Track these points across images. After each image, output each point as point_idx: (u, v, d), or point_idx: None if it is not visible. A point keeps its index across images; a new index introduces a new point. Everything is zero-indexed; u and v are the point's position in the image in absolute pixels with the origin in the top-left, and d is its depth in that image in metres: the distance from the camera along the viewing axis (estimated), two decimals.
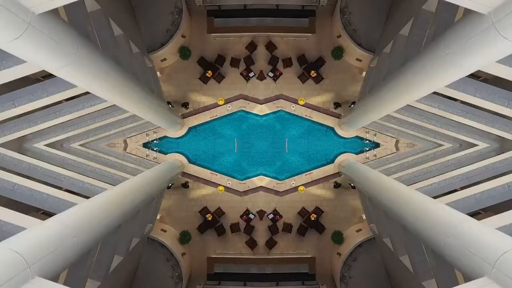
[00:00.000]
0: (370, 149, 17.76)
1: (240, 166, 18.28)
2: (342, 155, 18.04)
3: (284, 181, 18.04)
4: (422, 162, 14.66)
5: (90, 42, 7.85)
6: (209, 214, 17.69)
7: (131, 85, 10.37)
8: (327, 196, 18.19)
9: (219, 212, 17.91)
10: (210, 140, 18.15)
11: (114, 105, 12.31)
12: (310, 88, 17.95)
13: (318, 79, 17.80)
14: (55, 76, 7.73)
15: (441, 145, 15.16)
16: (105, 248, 10.78)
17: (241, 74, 17.73)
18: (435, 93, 11.68)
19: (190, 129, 17.89)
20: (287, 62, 17.76)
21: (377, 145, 17.90)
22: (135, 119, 14.86)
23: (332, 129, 18.14)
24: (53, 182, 12.15)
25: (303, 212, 17.97)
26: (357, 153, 18.01)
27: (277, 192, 18.00)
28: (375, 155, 17.55)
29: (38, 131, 12.54)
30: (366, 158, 17.63)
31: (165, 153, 17.78)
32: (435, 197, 11.07)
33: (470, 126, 12.50)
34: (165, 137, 17.68)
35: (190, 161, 17.96)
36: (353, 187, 17.52)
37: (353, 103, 17.35)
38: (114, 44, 10.75)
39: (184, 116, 17.62)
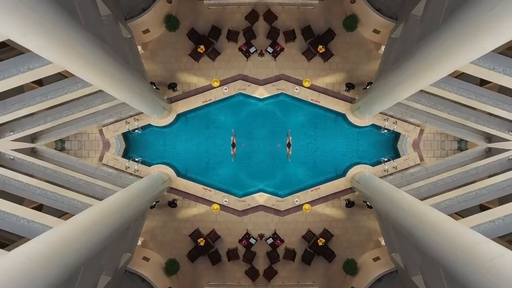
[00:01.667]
0: (388, 160, 15.11)
1: (238, 178, 15.67)
2: (355, 167, 15.38)
3: (285, 198, 15.40)
4: (462, 180, 11.87)
5: None
6: (201, 239, 15.04)
7: (96, 52, 7.88)
8: (338, 216, 15.55)
9: (214, 236, 15.30)
10: (202, 135, 15.51)
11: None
12: (317, 66, 15.39)
13: (326, 56, 15.23)
14: None
15: (489, 137, 12.57)
16: None
17: (240, 49, 15.13)
18: None
19: (179, 116, 15.29)
20: (290, 36, 15.19)
21: (396, 135, 15.35)
22: (107, 98, 12.18)
23: (343, 116, 15.56)
24: None
25: (308, 236, 15.34)
26: (373, 164, 15.38)
27: (277, 212, 15.33)
28: (395, 167, 14.90)
29: None
30: (385, 170, 15.00)
31: (149, 165, 15.12)
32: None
33: None
34: (149, 125, 15.06)
35: (178, 174, 15.33)
36: (369, 207, 14.93)
37: (369, 84, 14.82)
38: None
39: (172, 101, 15.02)
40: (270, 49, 15.11)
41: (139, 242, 14.27)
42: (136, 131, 14.79)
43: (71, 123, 12.91)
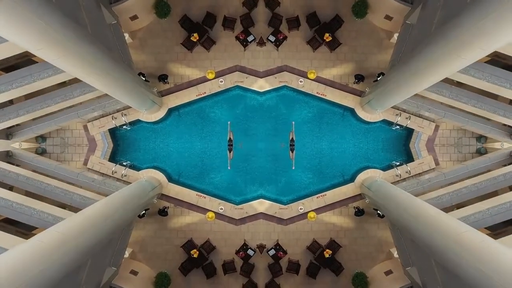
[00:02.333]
0: (400, 164, 13.74)
1: (236, 183, 14.35)
2: (365, 171, 14.00)
3: (289, 205, 14.06)
4: (489, 187, 10.45)
5: None
6: (194, 250, 13.67)
7: (69, 34, 6.65)
8: (346, 225, 14.20)
9: (208, 247, 13.96)
10: (196, 133, 14.19)
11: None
12: (323, 57, 14.01)
13: (333, 45, 13.86)
14: None
15: None
16: None
17: (237, 38, 13.78)
18: None
19: (170, 111, 13.99)
20: (293, 23, 13.83)
21: (409, 132, 13.97)
22: (86, 89, 10.85)
23: (351, 111, 14.18)
24: None
25: (314, 247, 14.01)
26: (384, 169, 14.02)
27: (280, 220, 13.99)
28: (408, 172, 13.53)
29: None
30: (397, 175, 13.64)
31: (138, 169, 13.83)
32: None
33: None
34: (138, 121, 13.76)
35: (170, 179, 14.03)
36: (381, 216, 13.57)
37: (380, 75, 13.45)
38: None
39: (163, 94, 13.72)
40: (272, 38, 13.75)
41: (126, 254, 13.00)
42: (124, 127, 13.50)
43: (50, 117, 11.62)
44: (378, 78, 13.41)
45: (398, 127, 13.77)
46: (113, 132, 13.86)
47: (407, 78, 10.07)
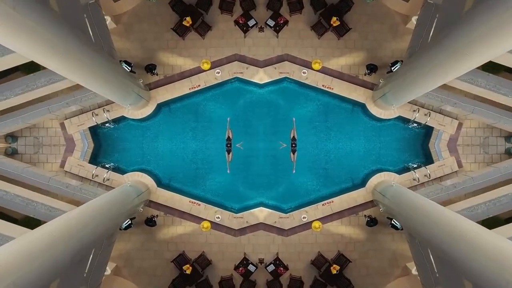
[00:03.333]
0: (418, 166, 12.18)
1: (235, 188, 12.79)
2: (377, 175, 12.43)
3: (291, 213, 12.49)
4: None
5: None
6: (187, 265, 12.09)
7: (23, 11, 5.07)
8: (355, 236, 12.66)
9: (203, 261, 12.40)
10: (190, 131, 12.63)
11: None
12: (330, 44, 12.51)
13: (341, 31, 12.35)
14: None
15: None
16: None
17: (236, 22, 12.21)
18: None
19: (160, 106, 12.40)
20: (295, 5, 12.34)
21: (427, 131, 12.47)
22: (54, 78, 9.18)
23: (361, 106, 12.66)
24: None
25: (319, 261, 12.45)
26: (399, 172, 12.47)
27: (280, 231, 12.43)
28: (428, 176, 11.94)
29: None
30: (414, 179, 12.08)
31: (124, 172, 12.21)
32: None
33: None
34: (122, 118, 12.14)
35: (160, 184, 12.45)
36: (397, 227, 11.89)
37: (396, 64, 11.94)
38: None
39: (151, 87, 12.12)
40: (271, 22, 12.19)
41: (108, 271, 11.39)
42: (107, 125, 11.88)
43: (18, 113, 9.96)
44: (393, 68, 11.92)
45: (415, 125, 12.28)
46: (94, 130, 12.25)
47: (434, 65, 8.58)
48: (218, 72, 12.16)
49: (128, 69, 11.22)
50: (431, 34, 10.06)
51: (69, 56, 6.77)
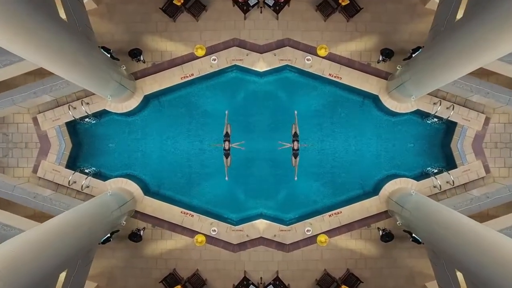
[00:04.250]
0: (439, 171, 10.77)
1: (234, 196, 11.35)
2: (392, 181, 10.94)
3: (292, 225, 10.99)
4: None
5: None
6: (179, 286, 10.66)
7: None
8: (367, 252, 11.23)
9: (197, 281, 10.92)
10: (182, 129, 11.14)
11: None
12: (338, 27, 11.14)
13: (351, 11, 10.97)
14: None
15: None
16: None
17: (235, 1, 10.75)
18: None
19: (148, 99, 10.94)
20: None
21: (450, 126, 11.08)
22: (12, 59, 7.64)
23: (373, 98, 11.27)
24: None
25: (325, 281, 10.97)
26: (416, 177, 11.05)
27: (280, 245, 10.95)
28: (450, 183, 10.47)
29: None
30: (435, 187, 10.63)
31: (106, 178, 10.69)
32: None
33: None
34: (104, 112, 10.63)
35: (148, 191, 10.98)
36: (418, 241, 10.43)
37: (417, 50, 10.54)
38: None
39: (137, 76, 10.63)
40: (270, 1, 10.74)
41: None
42: (87, 120, 10.38)
43: None
44: (413, 54, 10.53)
45: (435, 120, 10.90)
46: (73, 127, 10.73)
47: (468, 45, 7.23)
48: (214, 59, 10.70)
49: (107, 55, 9.71)
50: (460, 9, 8.72)
51: (25, 30, 5.28)
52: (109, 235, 9.53)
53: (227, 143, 10.10)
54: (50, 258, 6.01)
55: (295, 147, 10.13)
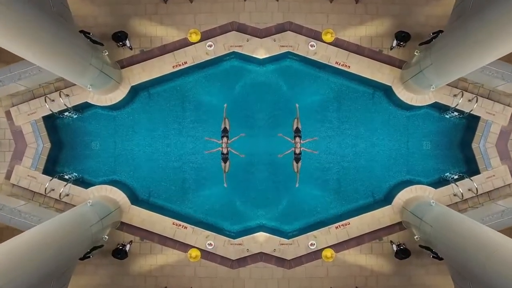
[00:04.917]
0: (460, 177, 9.72)
1: (232, 205, 10.23)
2: (407, 189, 9.84)
3: (294, 238, 9.87)
4: None
5: None
6: None
7: None
8: (378, 268, 10.10)
9: None
10: (175, 126, 10.04)
11: None
12: (346, 9, 10.12)
13: None
14: None
15: None
16: None
17: None
18: None
19: (137, 90, 9.82)
20: None
21: (471, 121, 9.96)
22: None
23: (385, 90, 10.20)
24: None
25: None
26: (433, 184, 9.99)
27: (281, 261, 9.85)
28: (473, 191, 9.47)
29: None
30: (455, 195, 9.63)
31: (89, 185, 9.53)
32: None
33: None
34: (87, 105, 9.45)
35: (136, 200, 9.88)
36: (438, 257, 9.31)
37: (438, 33, 9.47)
38: None
39: (124, 65, 9.49)
40: None
41: None
42: (67, 114, 9.22)
43: None
44: (433, 39, 9.45)
45: (455, 114, 9.83)
46: (51, 122, 9.56)
47: (503, 23, 6.23)
48: (210, 46, 9.59)
49: (86, 38, 8.55)
50: None
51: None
52: (89, 252, 8.38)
53: (225, 145, 9.03)
54: (12, 283, 4.89)
55: (297, 151, 9.11)
